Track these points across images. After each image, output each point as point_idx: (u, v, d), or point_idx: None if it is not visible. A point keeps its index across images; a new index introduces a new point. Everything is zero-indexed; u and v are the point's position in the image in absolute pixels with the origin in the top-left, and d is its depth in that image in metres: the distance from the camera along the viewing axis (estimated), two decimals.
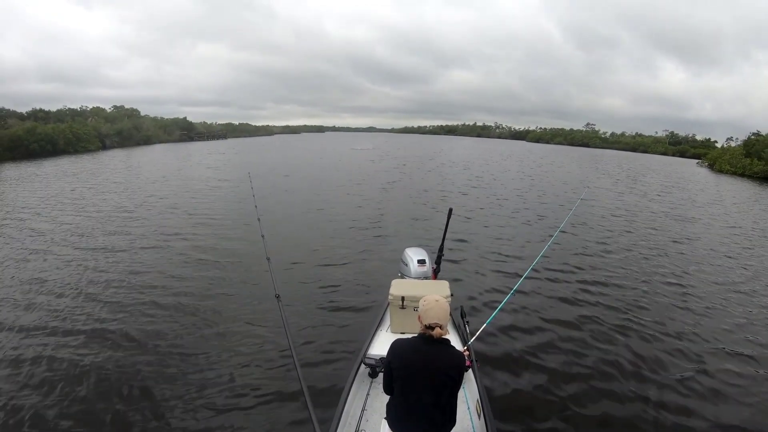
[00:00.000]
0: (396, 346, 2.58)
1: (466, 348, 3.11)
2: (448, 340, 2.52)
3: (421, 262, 5.25)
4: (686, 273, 9.03)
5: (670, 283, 8.32)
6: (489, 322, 3.78)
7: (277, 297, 3.39)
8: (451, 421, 2.56)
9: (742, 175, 39.49)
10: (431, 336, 2.46)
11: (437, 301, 2.53)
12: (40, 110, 60.55)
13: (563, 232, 11.00)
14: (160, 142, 62.28)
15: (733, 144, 60.31)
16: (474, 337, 3.68)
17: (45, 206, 14.01)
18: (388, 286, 4.30)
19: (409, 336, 2.62)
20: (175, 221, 11.96)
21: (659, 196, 21.63)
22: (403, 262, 5.38)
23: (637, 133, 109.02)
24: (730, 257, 10.53)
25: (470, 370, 3.49)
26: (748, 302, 7.56)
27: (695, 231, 13.47)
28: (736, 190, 28.22)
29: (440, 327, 2.46)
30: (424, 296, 2.62)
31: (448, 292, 4.13)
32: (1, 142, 34.58)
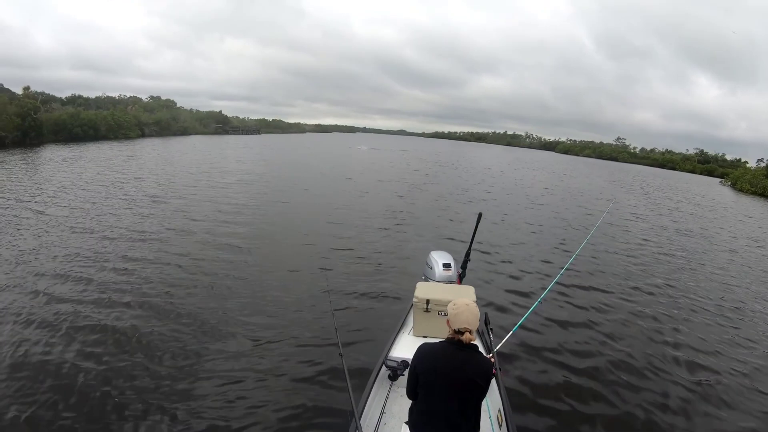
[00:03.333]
0: (423, 351, 2.51)
1: (491, 355, 3.00)
2: (476, 346, 2.45)
3: (447, 265, 5.13)
4: (708, 287, 8.74)
5: (696, 296, 8.22)
6: (515, 330, 3.66)
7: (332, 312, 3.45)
8: (475, 429, 2.48)
9: (762, 195, 40.65)
10: (460, 341, 2.40)
11: (468, 305, 2.46)
12: (80, 96, 63.58)
13: (590, 243, 10.83)
14: (196, 133, 64.25)
15: (763, 165, 59.06)
16: (500, 345, 3.56)
17: (95, 189, 14.67)
18: (412, 289, 4.19)
19: (434, 340, 2.56)
20: (231, 225, 11.14)
21: (670, 211, 21.33)
22: (428, 265, 5.28)
23: (666, 149, 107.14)
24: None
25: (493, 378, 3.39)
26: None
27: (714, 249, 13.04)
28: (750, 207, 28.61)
29: (470, 332, 2.40)
30: (451, 300, 2.56)
31: (474, 298, 3.99)
32: (47, 125, 36.36)
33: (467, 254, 5.56)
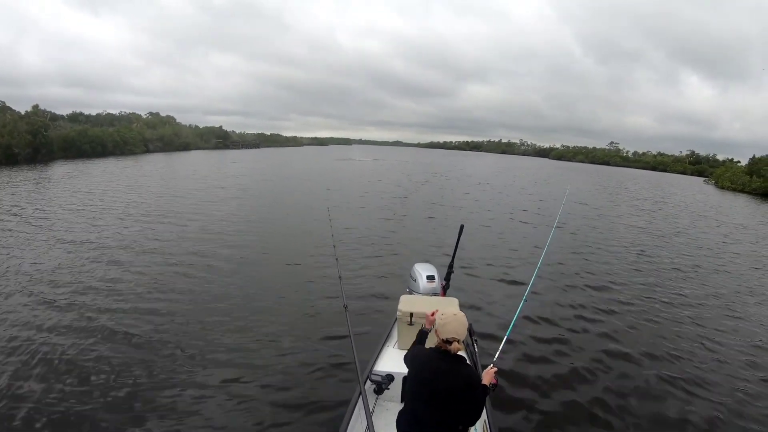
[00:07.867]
0: (413, 354, 2.59)
1: (492, 366, 2.80)
2: (463, 357, 2.49)
3: (431, 278, 5.16)
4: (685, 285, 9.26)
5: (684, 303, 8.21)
6: (507, 338, 3.63)
7: (345, 307, 3.63)
8: None
9: (742, 191, 42.11)
10: (447, 350, 2.43)
11: (455, 315, 2.50)
12: (81, 114, 65.25)
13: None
14: (198, 148, 65.11)
15: None
16: (497, 355, 3.43)
17: (117, 206, 14.87)
18: (396, 302, 4.21)
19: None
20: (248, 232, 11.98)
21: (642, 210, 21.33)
22: (412, 277, 5.31)
23: (659, 152, 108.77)
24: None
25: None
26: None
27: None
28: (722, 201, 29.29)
29: (458, 342, 2.42)
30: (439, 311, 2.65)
31: (458, 310, 3.76)
32: (56, 142, 37.58)
33: (450, 266, 5.59)
